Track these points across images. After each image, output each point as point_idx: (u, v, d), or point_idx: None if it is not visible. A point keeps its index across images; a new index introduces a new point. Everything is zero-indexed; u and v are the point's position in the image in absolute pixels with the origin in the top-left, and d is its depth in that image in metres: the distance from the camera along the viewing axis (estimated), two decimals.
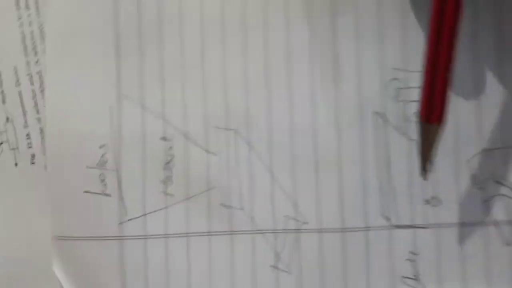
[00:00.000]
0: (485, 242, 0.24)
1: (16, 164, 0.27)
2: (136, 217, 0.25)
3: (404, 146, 0.24)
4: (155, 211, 0.25)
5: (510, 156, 0.24)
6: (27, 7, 0.26)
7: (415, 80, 0.24)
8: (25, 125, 0.27)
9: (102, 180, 0.25)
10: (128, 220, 0.25)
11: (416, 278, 0.24)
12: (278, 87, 0.25)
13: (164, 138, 0.25)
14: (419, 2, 0.24)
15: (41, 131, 0.26)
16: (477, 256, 0.24)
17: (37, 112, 0.27)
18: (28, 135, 0.27)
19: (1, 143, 0.27)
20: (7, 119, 0.27)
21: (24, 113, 0.27)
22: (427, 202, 0.24)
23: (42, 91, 0.26)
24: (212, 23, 0.25)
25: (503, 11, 0.24)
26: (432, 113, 0.21)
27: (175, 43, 0.25)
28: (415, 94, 0.24)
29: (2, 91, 0.27)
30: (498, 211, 0.24)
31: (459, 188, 0.24)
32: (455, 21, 0.20)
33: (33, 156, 0.27)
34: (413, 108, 0.24)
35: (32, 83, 0.27)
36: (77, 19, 0.26)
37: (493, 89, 0.24)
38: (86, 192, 0.26)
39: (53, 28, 0.26)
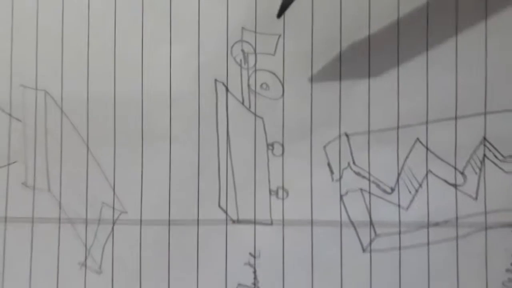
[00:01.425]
0: (340, 246, 0.20)
1: None
2: None
3: (249, 123, 0.20)
4: None
5: (373, 143, 0.20)
6: None
7: (264, 44, 0.20)
8: None
9: None
10: None
11: (254, 287, 0.20)
12: (98, 45, 0.20)
13: None
14: None
15: None
16: (330, 262, 0.20)
17: None
18: None
19: None
20: None
21: None
22: (273, 193, 0.20)
23: None
24: None
25: None
26: None
27: None
28: (264, 61, 0.20)
29: None
30: (355, 210, 0.20)
31: (312, 178, 0.20)
32: None
33: None
34: (261, 78, 0.20)
35: None
36: None
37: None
38: None
39: None
